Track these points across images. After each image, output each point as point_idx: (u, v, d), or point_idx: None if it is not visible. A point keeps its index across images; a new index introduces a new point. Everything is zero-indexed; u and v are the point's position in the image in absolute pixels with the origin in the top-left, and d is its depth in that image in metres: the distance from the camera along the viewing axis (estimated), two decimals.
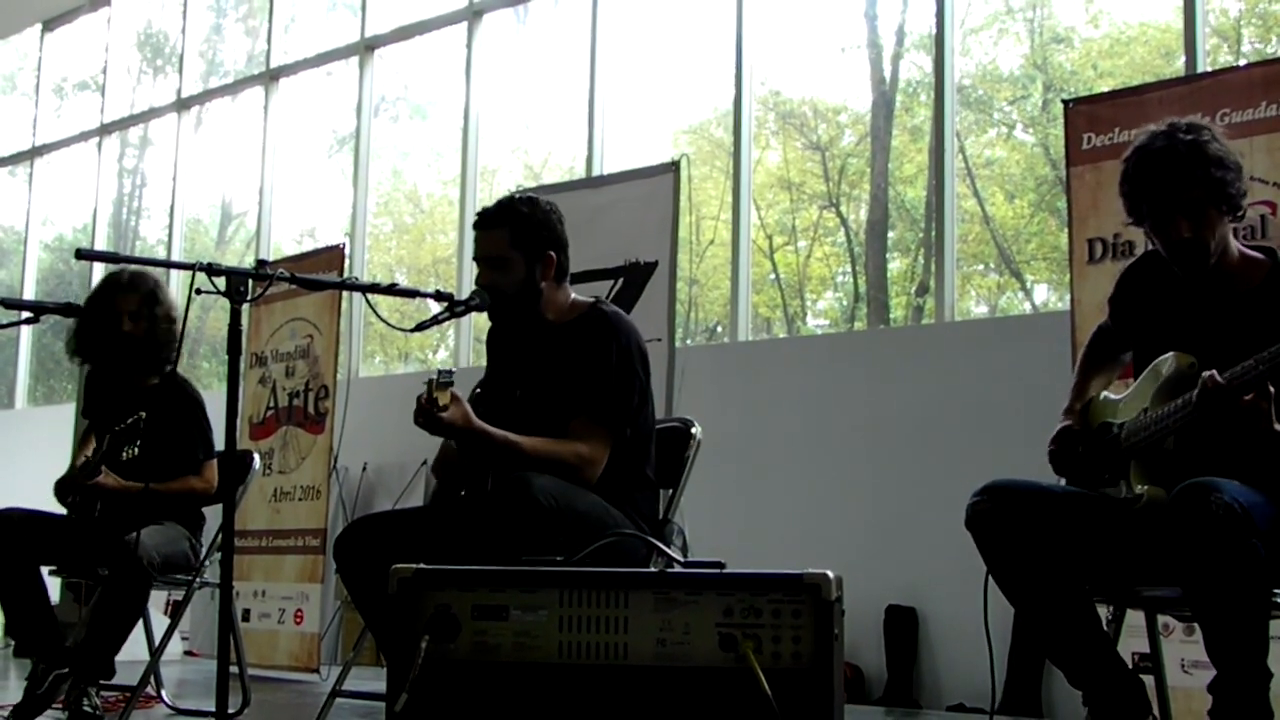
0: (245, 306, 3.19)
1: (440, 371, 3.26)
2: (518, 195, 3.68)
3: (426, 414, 3.24)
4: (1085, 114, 4.99)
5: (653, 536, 3.32)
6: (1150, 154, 2.97)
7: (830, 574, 2.26)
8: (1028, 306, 7.94)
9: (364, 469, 8.69)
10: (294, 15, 11.29)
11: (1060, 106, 5.21)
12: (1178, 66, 6.82)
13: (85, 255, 3.37)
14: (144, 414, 4.25)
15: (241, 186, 11.95)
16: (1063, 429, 3.23)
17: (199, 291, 3.17)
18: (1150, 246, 3.21)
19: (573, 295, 3.66)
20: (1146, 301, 3.18)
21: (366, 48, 10.30)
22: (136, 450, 4.33)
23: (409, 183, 11.31)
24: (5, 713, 4.40)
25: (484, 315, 3.68)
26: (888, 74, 8.54)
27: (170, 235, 11.74)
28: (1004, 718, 5.80)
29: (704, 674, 2.29)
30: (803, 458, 7.10)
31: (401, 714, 2.30)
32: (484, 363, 3.83)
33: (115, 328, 4.75)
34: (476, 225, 3.61)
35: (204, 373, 11.76)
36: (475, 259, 3.61)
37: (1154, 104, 4.72)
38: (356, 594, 3.45)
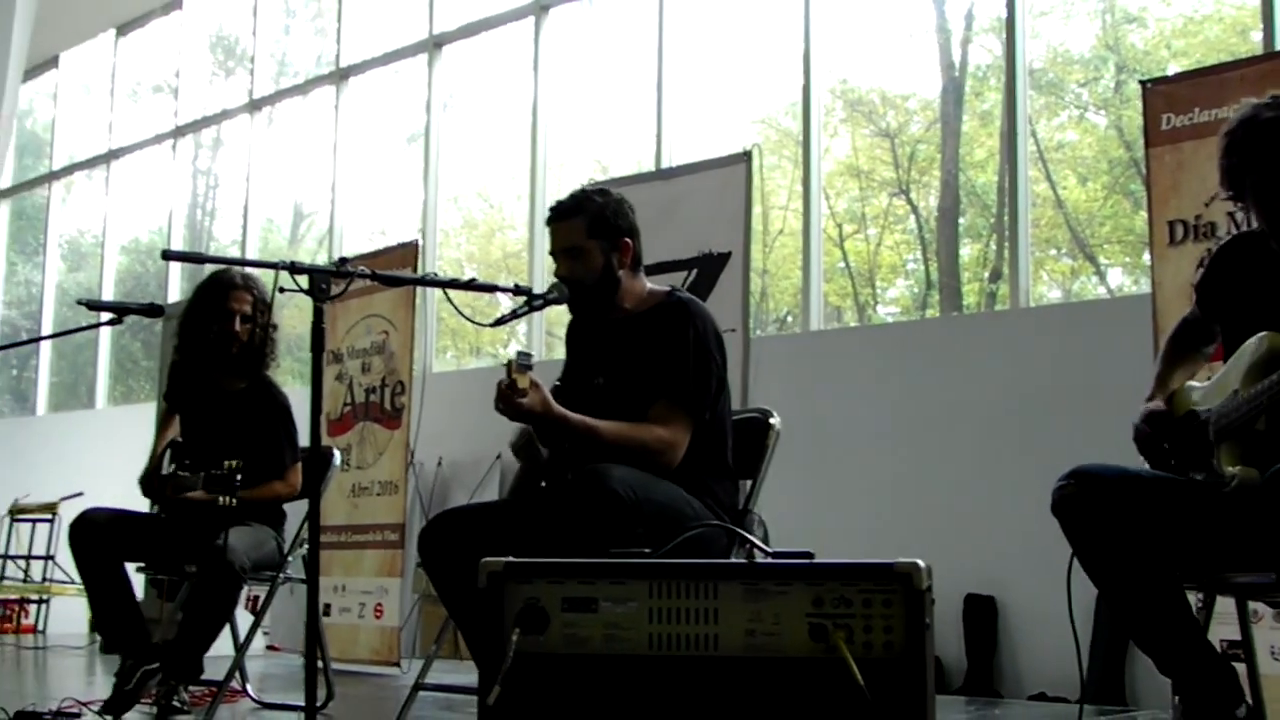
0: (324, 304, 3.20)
1: (519, 353, 3.27)
2: (588, 188, 3.70)
3: (506, 400, 3.25)
4: (1163, 94, 4.92)
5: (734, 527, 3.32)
6: (1260, 125, 2.88)
7: (921, 563, 2.25)
8: (1102, 290, 7.85)
9: (439, 463, 8.75)
10: (362, 15, 11.38)
11: (1133, 87, 5.15)
12: (1254, 44, 6.70)
13: (171, 256, 3.41)
14: (240, 463, 4.26)
15: (313, 185, 12.08)
16: (1152, 411, 3.15)
17: (282, 290, 3.20)
18: (1234, 230, 3.14)
19: (648, 285, 3.67)
20: (1239, 281, 3.09)
21: (435, 45, 10.38)
22: (234, 501, 4.33)
23: (478, 179, 11.37)
24: (95, 708, 4.48)
25: (558, 309, 3.70)
26: (957, 59, 8.46)
27: (244, 235, 11.90)
28: (1089, 707, 5.75)
29: (795, 664, 2.27)
30: (877, 447, 7.07)
31: (494, 707, 2.32)
32: (557, 356, 3.85)
33: (226, 327, 4.75)
34: (551, 219, 3.62)
35: (278, 370, 11.89)
36: (551, 253, 3.62)
37: (1234, 83, 4.65)
38: (442, 588, 3.47)
